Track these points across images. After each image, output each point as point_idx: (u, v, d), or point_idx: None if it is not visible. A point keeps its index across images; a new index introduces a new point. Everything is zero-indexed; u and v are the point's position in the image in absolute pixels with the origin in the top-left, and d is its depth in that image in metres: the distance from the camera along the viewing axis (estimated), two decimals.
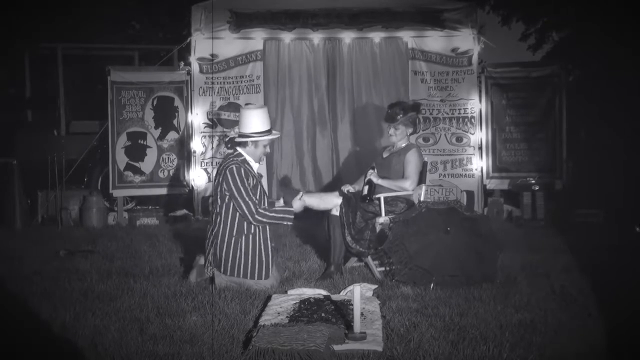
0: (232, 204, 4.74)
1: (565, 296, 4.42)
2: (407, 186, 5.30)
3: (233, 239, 4.75)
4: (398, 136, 5.45)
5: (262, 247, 4.79)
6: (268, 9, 8.21)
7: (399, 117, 5.40)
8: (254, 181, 4.82)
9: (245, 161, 4.85)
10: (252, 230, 4.78)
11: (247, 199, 4.69)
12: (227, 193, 4.73)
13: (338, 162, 8.48)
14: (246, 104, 8.12)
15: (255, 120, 4.85)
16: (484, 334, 3.64)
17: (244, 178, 4.72)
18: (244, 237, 4.76)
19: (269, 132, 4.90)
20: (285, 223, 4.88)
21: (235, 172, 4.72)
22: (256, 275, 4.74)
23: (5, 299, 4.51)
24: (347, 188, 5.40)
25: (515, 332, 3.68)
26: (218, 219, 4.80)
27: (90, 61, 10.22)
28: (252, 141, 4.85)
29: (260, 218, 4.72)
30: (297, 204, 4.94)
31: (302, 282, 4.96)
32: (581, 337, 3.61)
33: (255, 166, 4.92)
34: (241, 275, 4.72)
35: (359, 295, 3.63)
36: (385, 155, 5.56)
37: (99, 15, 13.77)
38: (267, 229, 4.84)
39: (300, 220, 7.82)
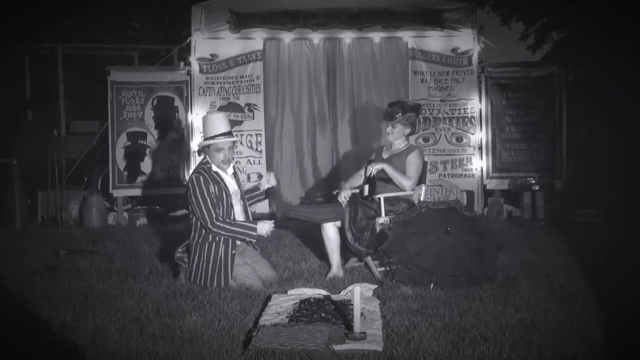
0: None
1: (565, 296, 4.42)
2: (407, 186, 5.30)
3: (198, 246, 4.80)
4: (395, 135, 5.44)
5: (222, 254, 4.77)
6: (268, 9, 8.21)
7: (397, 115, 5.39)
8: (217, 189, 4.79)
9: (211, 168, 4.84)
10: (217, 239, 4.79)
11: (203, 208, 4.70)
12: (190, 202, 4.78)
13: (338, 162, 8.47)
14: (251, 107, 8.22)
15: (216, 124, 4.86)
16: (484, 334, 3.64)
17: (203, 187, 4.72)
18: (206, 245, 4.78)
19: (229, 134, 4.88)
20: (247, 239, 4.88)
21: (194, 181, 4.74)
22: (215, 282, 4.73)
23: (5, 299, 4.51)
24: (346, 193, 5.38)
25: (515, 332, 3.68)
26: (191, 225, 4.87)
27: (90, 61, 10.23)
28: (204, 146, 4.88)
29: (216, 230, 4.72)
30: (263, 227, 4.81)
31: (302, 282, 4.96)
32: (581, 337, 3.61)
33: (226, 172, 4.91)
34: (202, 282, 4.73)
35: (359, 295, 3.63)
36: (385, 155, 5.54)
37: (99, 15, 13.78)
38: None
39: (300, 220, 7.87)
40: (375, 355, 3.37)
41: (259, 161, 8.27)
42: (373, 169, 5.25)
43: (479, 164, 8.35)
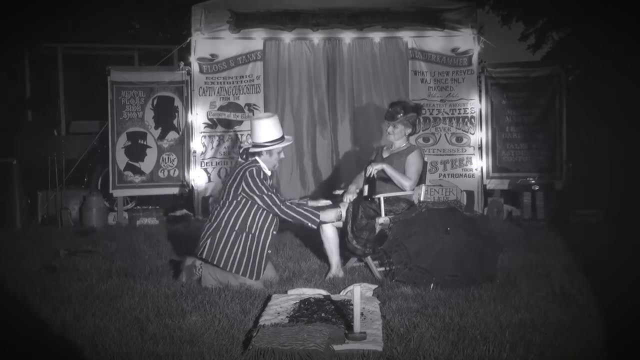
0: (243, 202, 4.81)
1: (565, 296, 4.42)
2: (407, 186, 5.30)
3: (234, 233, 4.78)
4: (396, 135, 5.45)
5: (260, 248, 4.81)
6: (268, 9, 8.21)
7: (399, 116, 5.40)
8: (271, 184, 4.98)
9: (261, 168, 4.93)
10: (253, 231, 4.81)
11: (270, 193, 4.81)
12: (243, 193, 4.80)
13: (338, 162, 8.48)
14: (251, 107, 8.20)
15: (267, 130, 4.96)
16: (484, 334, 3.64)
17: (262, 179, 4.84)
18: (244, 235, 4.79)
19: (282, 139, 5.02)
20: (308, 224, 4.88)
21: (255, 173, 4.82)
22: (248, 273, 4.75)
23: (5, 299, 4.51)
24: (349, 197, 5.38)
25: (515, 332, 3.68)
26: (221, 214, 4.84)
27: (90, 61, 10.23)
28: (266, 150, 4.95)
29: (287, 210, 4.82)
30: (328, 215, 4.97)
31: (302, 282, 4.96)
32: (581, 337, 3.61)
33: (268, 174, 5.01)
34: (234, 270, 4.74)
35: (359, 295, 3.63)
36: (385, 155, 5.55)
37: (99, 15, 13.77)
38: (269, 234, 4.86)
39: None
40: (375, 355, 3.37)
41: None
42: (373, 169, 5.25)
43: (479, 164, 8.35)
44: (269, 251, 4.88)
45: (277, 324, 3.80)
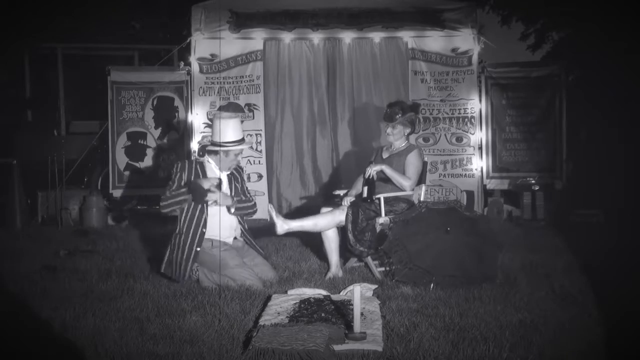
0: None
1: (565, 296, 4.42)
2: (406, 186, 5.30)
3: (172, 236, 4.97)
4: (395, 135, 5.44)
5: (183, 248, 4.85)
6: (268, 9, 8.21)
7: (397, 116, 5.39)
8: (186, 176, 4.90)
9: (201, 163, 4.98)
10: (176, 230, 4.93)
11: (169, 185, 4.91)
12: None
13: (338, 162, 8.47)
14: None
15: (229, 130, 4.90)
16: (484, 334, 3.64)
17: (176, 172, 4.91)
18: (175, 236, 4.92)
19: (241, 141, 4.97)
20: (188, 203, 4.83)
21: (175, 167, 4.95)
22: (172, 273, 4.85)
23: (5, 299, 4.51)
24: (349, 200, 5.38)
25: (515, 332, 3.68)
26: None
27: (90, 61, 10.23)
28: (224, 150, 4.89)
29: (161, 204, 4.89)
30: (197, 185, 4.83)
31: (302, 282, 4.96)
32: (581, 337, 3.61)
33: (219, 174, 4.95)
34: (171, 274, 4.85)
35: (359, 295, 3.63)
36: (385, 155, 5.54)
37: (99, 15, 13.77)
38: (190, 231, 4.85)
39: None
40: (375, 355, 3.37)
41: (259, 161, 8.27)
42: (372, 170, 5.25)
43: (479, 164, 8.35)
44: (197, 249, 4.83)
45: (277, 324, 3.80)
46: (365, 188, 5.23)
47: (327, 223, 5.18)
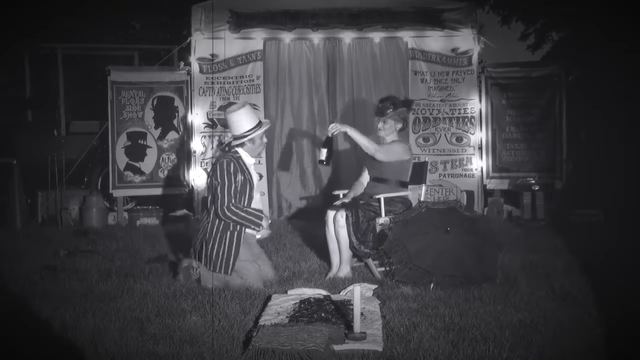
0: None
1: (565, 296, 4.42)
2: (371, 149, 5.16)
3: (219, 234, 4.83)
4: (386, 130, 5.37)
5: (235, 243, 4.84)
6: (268, 9, 8.21)
7: (388, 111, 5.34)
8: (243, 178, 4.89)
9: (240, 158, 4.95)
10: (238, 228, 4.85)
11: (226, 191, 4.78)
12: (216, 185, 4.83)
13: (338, 162, 8.47)
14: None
15: (244, 120, 4.97)
16: (484, 334, 3.64)
17: (232, 173, 4.81)
18: (228, 233, 4.83)
19: (259, 124, 5.03)
20: (251, 227, 4.87)
21: (225, 166, 4.83)
22: (229, 270, 4.81)
23: (5, 299, 4.51)
24: (344, 200, 5.37)
25: (515, 332, 3.68)
26: (211, 213, 4.91)
27: (90, 61, 10.23)
28: (248, 139, 4.96)
29: (228, 213, 4.78)
30: (266, 223, 4.94)
31: (302, 282, 4.96)
32: (581, 337, 3.61)
33: (251, 161, 5.04)
34: (221, 271, 4.78)
35: (359, 295, 3.63)
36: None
37: (99, 15, 13.78)
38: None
39: (300, 220, 7.89)
40: (375, 355, 3.37)
41: (259, 161, 8.25)
42: (335, 130, 5.15)
43: (479, 164, 8.35)
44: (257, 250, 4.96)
45: (277, 324, 3.80)
46: (324, 150, 5.15)
47: None
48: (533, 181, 7.98)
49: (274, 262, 5.57)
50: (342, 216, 5.06)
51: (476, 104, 8.34)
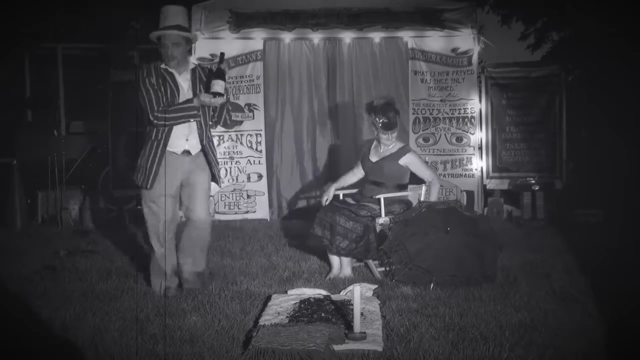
0: None
1: (565, 296, 4.42)
2: (429, 176, 5.37)
3: (144, 145, 4.55)
4: (391, 141, 5.31)
5: (158, 156, 4.44)
6: (268, 9, 8.20)
7: (397, 121, 5.27)
8: (161, 82, 4.45)
9: (158, 66, 4.53)
10: (156, 135, 4.48)
11: (147, 100, 4.40)
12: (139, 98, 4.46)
13: (338, 162, 8.47)
14: (251, 107, 8.13)
15: (161, 17, 4.49)
16: (484, 334, 3.64)
17: (145, 78, 4.41)
18: (149, 144, 4.50)
19: (172, 28, 4.43)
20: (190, 117, 4.43)
21: (138, 74, 4.48)
22: (141, 182, 4.47)
23: (5, 299, 4.51)
24: (328, 196, 5.40)
25: (515, 332, 3.69)
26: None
27: (90, 61, 10.22)
28: (154, 36, 4.49)
29: (157, 122, 4.39)
30: (203, 98, 4.47)
31: (302, 282, 4.96)
32: (581, 337, 3.61)
33: (179, 73, 4.54)
34: (141, 184, 4.47)
35: (359, 295, 3.64)
36: (374, 159, 5.40)
37: (99, 15, 13.77)
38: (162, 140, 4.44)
39: (300, 220, 7.88)
40: (375, 355, 3.37)
41: (259, 161, 8.26)
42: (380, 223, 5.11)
43: (479, 164, 8.35)
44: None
45: (277, 324, 3.80)
46: (219, 82, 4.58)
47: None
48: (533, 181, 7.98)
49: (273, 262, 5.57)
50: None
51: (476, 104, 8.33)
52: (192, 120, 4.45)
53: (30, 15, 11.28)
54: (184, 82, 4.55)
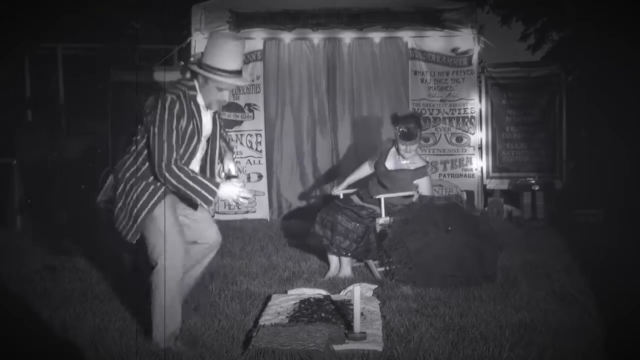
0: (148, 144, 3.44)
1: (565, 296, 4.42)
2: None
3: (132, 181, 3.58)
4: (411, 153, 5.22)
5: (151, 201, 3.54)
6: (268, 9, 8.19)
7: (417, 134, 5.15)
8: (187, 125, 3.50)
9: (194, 97, 3.57)
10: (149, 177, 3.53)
11: (166, 142, 3.39)
12: (149, 125, 3.44)
13: (338, 162, 8.47)
14: (251, 107, 8.12)
15: (219, 52, 3.53)
16: (484, 334, 3.64)
17: (173, 117, 3.41)
18: (144, 183, 3.54)
19: (234, 73, 3.54)
20: (198, 200, 3.45)
21: (167, 104, 3.43)
22: (124, 230, 3.65)
23: (5, 299, 4.51)
24: (338, 191, 5.40)
25: (515, 332, 3.69)
26: (129, 161, 3.61)
27: (90, 61, 10.23)
28: (202, 75, 3.53)
29: (167, 174, 3.38)
30: (226, 190, 3.48)
31: (302, 282, 4.96)
32: (581, 337, 3.61)
33: (205, 112, 3.64)
34: (119, 228, 3.67)
35: (359, 295, 3.64)
36: (390, 167, 5.36)
37: (99, 15, 13.78)
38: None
39: (300, 220, 7.88)
40: (375, 355, 3.37)
41: (259, 161, 8.26)
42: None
43: (479, 164, 8.34)
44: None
45: (277, 324, 3.80)
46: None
47: None
48: (533, 181, 7.97)
49: (273, 262, 5.57)
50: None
51: (476, 104, 8.33)
52: (200, 202, 3.48)
53: (30, 15, 11.28)
54: (207, 120, 3.69)
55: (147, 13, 15.61)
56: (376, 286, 4.75)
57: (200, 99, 3.60)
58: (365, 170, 5.61)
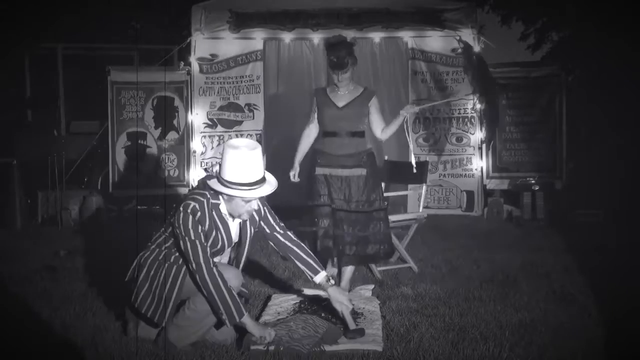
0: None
1: (565, 296, 4.42)
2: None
3: (156, 264, 3.64)
4: (346, 80, 4.77)
5: (177, 285, 3.51)
6: (268, 9, 8.20)
7: (347, 60, 4.68)
8: (215, 234, 3.52)
9: (217, 206, 3.52)
10: (182, 266, 3.51)
11: (197, 243, 3.38)
12: (176, 231, 3.47)
13: None
14: (251, 107, 8.12)
15: (238, 166, 3.42)
16: (484, 334, 3.64)
17: (197, 222, 3.42)
18: (175, 267, 3.54)
19: (258, 184, 3.46)
20: (220, 316, 3.37)
21: (189, 209, 3.42)
22: (157, 315, 3.52)
23: (5, 299, 4.51)
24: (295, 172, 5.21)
25: (515, 332, 3.69)
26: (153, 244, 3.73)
27: (90, 61, 10.23)
28: (226, 194, 3.46)
29: (206, 274, 3.34)
30: (254, 327, 3.43)
31: (302, 282, 4.96)
32: (581, 337, 3.61)
33: (232, 220, 3.61)
34: (145, 309, 3.55)
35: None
36: (340, 103, 4.81)
37: (99, 15, 13.78)
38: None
39: (300, 219, 7.87)
40: (375, 355, 3.37)
41: None
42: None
43: (479, 164, 8.34)
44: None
45: (277, 323, 3.80)
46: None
47: None
48: (533, 181, 7.98)
49: (273, 262, 5.56)
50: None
51: (476, 104, 8.33)
52: (224, 318, 3.38)
53: (30, 15, 11.28)
54: (234, 228, 3.66)
55: (147, 13, 15.61)
56: (373, 286, 4.75)
57: (223, 207, 3.54)
58: (311, 131, 5.18)
